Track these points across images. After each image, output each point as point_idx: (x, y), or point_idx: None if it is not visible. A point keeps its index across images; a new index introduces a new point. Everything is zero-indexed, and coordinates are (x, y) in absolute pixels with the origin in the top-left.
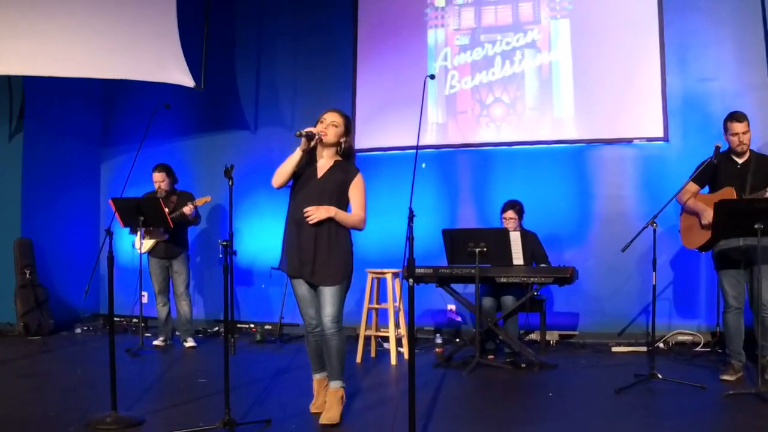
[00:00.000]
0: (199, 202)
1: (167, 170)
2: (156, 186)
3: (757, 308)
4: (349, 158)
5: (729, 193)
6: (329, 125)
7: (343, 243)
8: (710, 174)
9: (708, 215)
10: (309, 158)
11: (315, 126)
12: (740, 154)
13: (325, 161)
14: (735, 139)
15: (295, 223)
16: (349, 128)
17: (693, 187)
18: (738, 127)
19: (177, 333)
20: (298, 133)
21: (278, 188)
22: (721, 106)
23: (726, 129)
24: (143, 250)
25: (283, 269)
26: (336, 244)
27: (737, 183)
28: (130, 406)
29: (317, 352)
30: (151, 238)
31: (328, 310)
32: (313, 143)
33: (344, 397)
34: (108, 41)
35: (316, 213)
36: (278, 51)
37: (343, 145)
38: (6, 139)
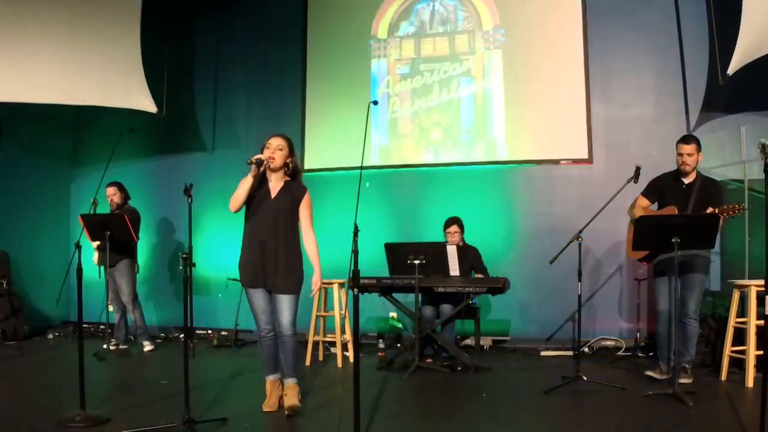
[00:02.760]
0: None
1: (118, 186)
2: (108, 200)
3: (682, 316)
4: (296, 176)
5: (671, 211)
6: (275, 150)
7: (298, 258)
8: (658, 190)
9: None
10: (261, 180)
11: (262, 152)
12: (686, 175)
13: (275, 183)
14: (680, 159)
15: (255, 240)
16: (292, 148)
17: (644, 202)
18: (684, 148)
19: (134, 338)
20: (250, 161)
21: (235, 212)
22: (640, 131)
23: (676, 149)
24: (95, 262)
25: (243, 282)
26: (292, 259)
27: (681, 202)
28: (97, 406)
29: (270, 355)
30: (96, 249)
31: (286, 314)
32: (262, 168)
33: (299, 391)
34: (78, 71)
35: (317, 288)
36: (233, 79)
37: (290, 165)
38: None
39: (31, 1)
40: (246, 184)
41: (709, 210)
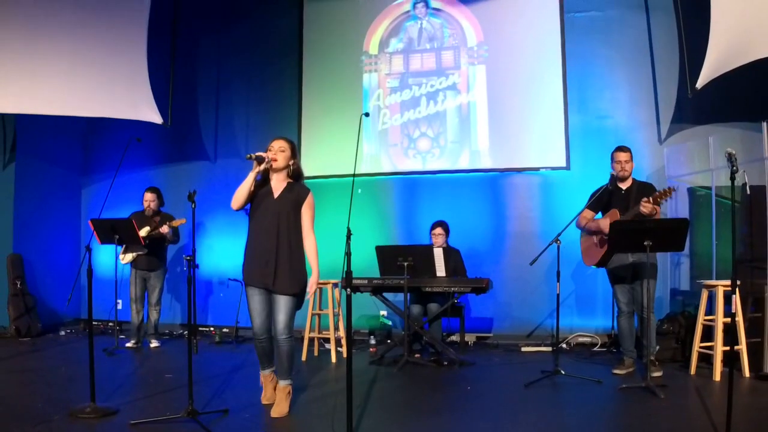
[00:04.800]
0: (175, 223)
1: (157, 192)
2: (146, 204)
3: (641, 312)
4: (298, 179)
5: (614, 214)
6: (277, 151)
7: (299, 259)
8: (604, 200)
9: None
10: (264, 181)
11: (265, 153)
12: (623, 181)
13: (278, 183)
14: (618, 166)
15: (257, 240)
16: (295, 152)
17: (588, 213)
18: (621, 156)
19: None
20: (249, 156)
21: (237, 210)
22: (615, 140)
23: (612, 158)
24: (123, 262)
25: (245, 280)
26: (293, 260)
27: (622, 206)
28: (106, 398)
29: (263, 353)
30: (131, 252)
31: (281, 317)
32: (263, 167)
33: (291, 392)
34: (88, 84)
35: (313, 290)
36: (234, 92)
37: (292, 168)
38: (0, 167)
39: (44, 20)
40: (247, 182)
41: (644, 201)
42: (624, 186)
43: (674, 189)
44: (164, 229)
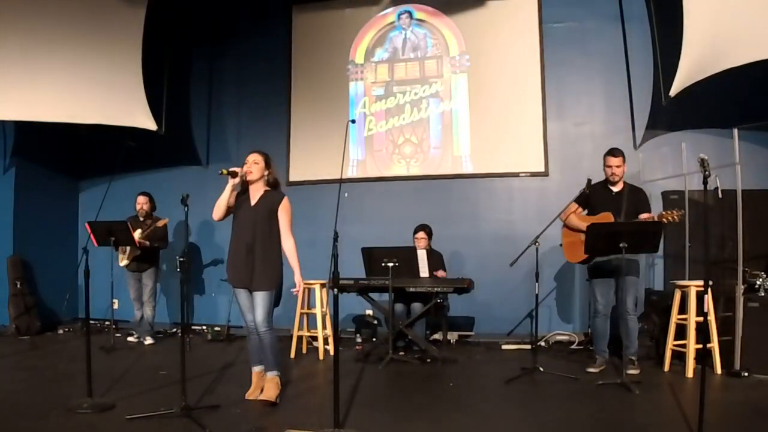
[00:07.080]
0: (160, 223)
1: (149, 196)
2: (138, 207)
3: (623, 313)
4: (276, 187)
5: (607, 217)
6: (251, 164)
7: (273, 259)
8: (588, 198)
9: None
10: (245, 189)
11: (242, 167)
12: (614, 184)
13: (255, 192)
14: (609, 170)
15: (237, 244)
16: (269, 162)
17: (573, 206)
18: (612, 161)
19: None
20: (221, 171)
21: (218, 221)
22: (591, 146)
23: (604, 161)
24: (121, 265)
25: (230, 281)
26: (268, 259)
27: (613, 208)
28: (103, 394)
29: (256, 348)
30: (126, 254)
31: (259, 311)
32: (237, 180)
33: (280, 383)
34: (86, 93)
35: (300, 288)
36: (226, 99)
37: (267, 178)
38: (1, 172)
39: (44, 31)
40: (224, 195)
41: (645, 215)
42: (615, 189)
43: (682, 213)
44: (136, 234)
